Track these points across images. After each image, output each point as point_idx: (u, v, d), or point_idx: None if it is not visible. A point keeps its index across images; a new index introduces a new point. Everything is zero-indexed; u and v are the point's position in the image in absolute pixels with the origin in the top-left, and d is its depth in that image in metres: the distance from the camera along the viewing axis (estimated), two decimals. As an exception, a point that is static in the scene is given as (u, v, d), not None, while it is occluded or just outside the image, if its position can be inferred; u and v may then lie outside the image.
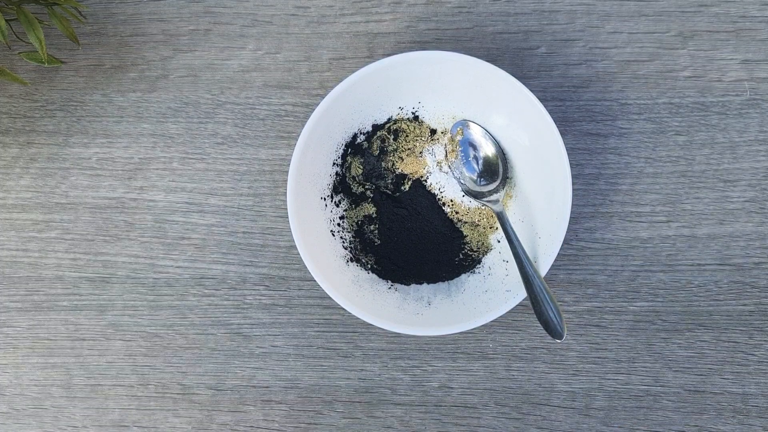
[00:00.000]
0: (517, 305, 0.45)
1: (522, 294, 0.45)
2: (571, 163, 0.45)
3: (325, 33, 0.53)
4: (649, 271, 0.51)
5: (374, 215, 0.51)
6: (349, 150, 0.51)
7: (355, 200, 0.51)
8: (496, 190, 0.49)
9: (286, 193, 0.46)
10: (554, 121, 0.45)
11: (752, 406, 0.51)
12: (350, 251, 0.50)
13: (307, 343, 0.52)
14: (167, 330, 0.53)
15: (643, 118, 0.52)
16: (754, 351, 0.51)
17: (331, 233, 0.50)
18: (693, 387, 0.51)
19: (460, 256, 0.50)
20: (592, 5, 0.52)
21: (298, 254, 0.49)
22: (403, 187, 0.51)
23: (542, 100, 0.46)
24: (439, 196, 0.51)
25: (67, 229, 0.53)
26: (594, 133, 0.52)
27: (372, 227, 0.51)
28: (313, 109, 0.46)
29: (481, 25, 0.53)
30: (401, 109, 0.51)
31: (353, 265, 0.50)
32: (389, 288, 0.50)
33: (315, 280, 0.46)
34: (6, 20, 0.47)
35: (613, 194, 0.52)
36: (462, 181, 0.50)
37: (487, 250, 0.50)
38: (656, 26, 0.52)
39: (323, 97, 0.46)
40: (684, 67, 0.52)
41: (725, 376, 0.51)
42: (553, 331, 0.44)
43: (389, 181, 0.51)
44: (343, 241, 0.50)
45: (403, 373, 0.52)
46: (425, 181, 0.51)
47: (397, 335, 0.52)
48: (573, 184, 0.47)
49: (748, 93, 0.52)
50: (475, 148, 0.50)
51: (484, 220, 0.51)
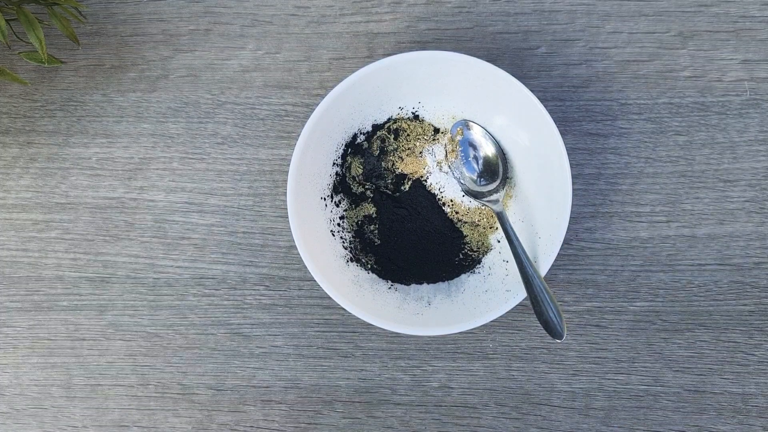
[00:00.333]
0: (517, 305, 0.45)
1: (522, 294, 0.45)
2: (571, 163, 0.45)
3: (325, 33, 0.53)
4: (649, 271, 0.51)
5: (374, 215, 0.51)
6: (349, 150, 0.51)
7: (355, 200, 0.51)
8: (496, 190, 0.49)
9: (286, 193, 0.46)
10: (554, 121, 0.45)
11: (752, 406, 0.51)
12: (350, 251, 0.50)
13: (307, 343, 0.52)
14: (167, 330, 0.53)
15: (643, 118, 0.52)
16: (754, 351, 0.51)
17: (331, 233, 0.50)
18: (693, 387, 0.51)
19: (460, 256, 0.50)
20: (592, 5, 0.52)
21: (298, 254, 0.49)
22: (403, 187, 0.51)
23: (542, 100, 0.46)
24: (439, 196, 0.51)
25: (67, 229, 0.53)
26: (594, 133, 0.52)
27: (372, 227, 0.51)
28: (313, 109, 0.46)
29: (481, 25, 0.53)
30: (401, 109, 0.51)
31: (353, 265, 0.50)
32: (389, 288, 0.50)
33: (315, 280, 0.46)
34: (6, 20, 0.47)
35: (613, 194, 0.52)
36: (462, 181, 0.50)
37: (487, 250, 0.50)
38: (656, 26, 0.52)
39: (323, 97, 0.46)
40: (684, 67, 0.52)
41: (725, 376, 0.51)
42: (553, 331, 0.44)
43: (389, 181, 0.51)
44: (343, 241, 0.50)
45: (403, 373, 0.52)
46: (425, 181, 0.51)
47: (397, 335, 0.52)
48: (573, 184, 0.47)
49: (748, 93, 0.52)
50: (475, 148, 0.50)
51: (484, 220, 0.51)
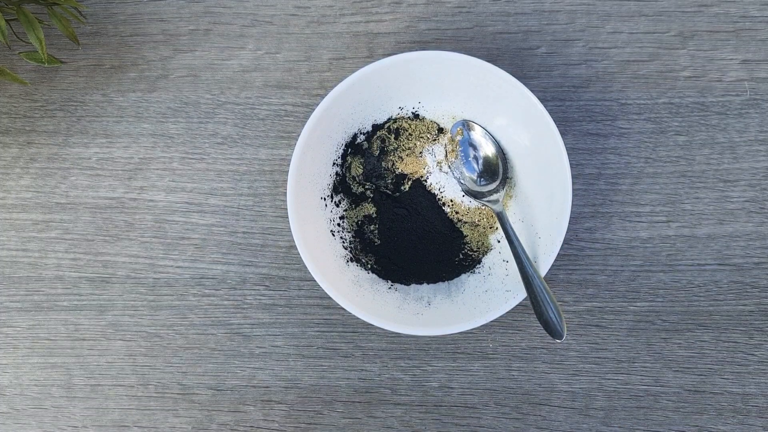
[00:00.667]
0: (517, 305, 0.45)
1: (522, 294, 0.45)
2: (571, 163, 0.45)
3: (325, 33, 0.53)
4: (649, 271, 0.51)
5: (374, 215, 0.51)
6: (349, 150, 0.51)
7: (355, 200, 0.51)
8: (496, 190, 0.49)
9: (286, 193, 0.46)
10: (554, 121, 0.45)
11: (752, 406, 0.51)
12: (350, 251, 0.50)
13: (307, 343, 0.52)
14: (167, 330, 0.53)
15: (643, 118, 0.52)
16: (754, 351, 0.51)
17: (331, 233, 0.50)
18: (693, 387, 0.51)
19: (460, 256, 0.50)
20: (592, 5, 0.52)
21: (298, 254, 0.49)
22: (402, 187, 0.51)
23: (542, 100, 0.46)
24: (439, 196, 0.51)
25: (67, 229, 0.53)
26: (594, 133, 0.52)
27: (372, 227, 0.51)
28: (313, 109, 0.46)
29: (481, 25, 0.53)
30: (401, 109, 0.51)
31: (353, 265, 0.50)
32: (389, 288, 0.50)
33: (315, 280, 0.46)
34: (6, 20, 0.47)
35: (613, 194, 0.52)
36: (462, 181, 0.50)
37: (487, 250, 0.50)
38: (656, 26, 0.52)
39: (323, 97, 0.46)
40: (684, 67, 0.52)
41: (725, 376, 0.51)
42: (554, 331, 0.44)
43: (389, 181, 0.51)
44: (343, 241, 0.50)
45: (403, 373, 0.52)
46: (425, 181, 0.51)
47: (397, 335, 0.52)
48: (573, 184, 0.47)
49: (748, 93, 0.52)
50: (475, 148, 0.50)
51: (484, 220, 0.50)
